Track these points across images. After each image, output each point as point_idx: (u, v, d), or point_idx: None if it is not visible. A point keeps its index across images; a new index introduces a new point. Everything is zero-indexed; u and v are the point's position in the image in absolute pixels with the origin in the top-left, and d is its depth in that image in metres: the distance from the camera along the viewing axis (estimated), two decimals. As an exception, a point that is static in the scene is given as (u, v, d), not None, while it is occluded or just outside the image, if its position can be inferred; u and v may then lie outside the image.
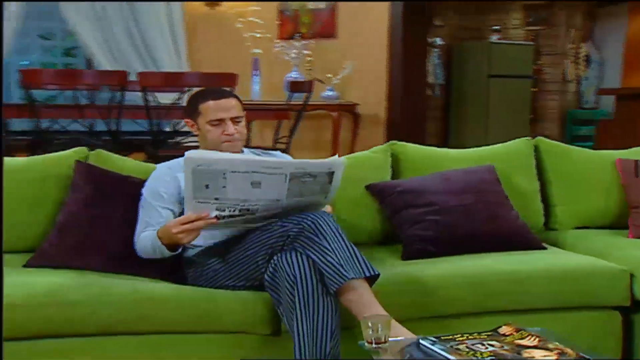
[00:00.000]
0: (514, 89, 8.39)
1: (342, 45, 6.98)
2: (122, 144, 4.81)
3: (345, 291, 2.36)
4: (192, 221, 2.41)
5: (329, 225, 2.44)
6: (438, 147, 3.69)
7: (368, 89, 6.91)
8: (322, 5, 7.11)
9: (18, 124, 5.46)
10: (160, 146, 4.74)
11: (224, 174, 2.36)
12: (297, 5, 7.16)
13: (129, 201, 2.81)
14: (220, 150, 2.81)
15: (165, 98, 4.91)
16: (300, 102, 5.45)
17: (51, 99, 6.56)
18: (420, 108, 6.82)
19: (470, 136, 8.06)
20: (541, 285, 2.79)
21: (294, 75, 6.63)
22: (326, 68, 6.81)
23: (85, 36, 7.07)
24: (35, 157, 3.08)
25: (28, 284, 2.47)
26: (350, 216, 3.17)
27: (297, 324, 2.30)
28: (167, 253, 2.59)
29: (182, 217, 2.46)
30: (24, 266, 2.68)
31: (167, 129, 5.02)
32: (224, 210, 2.44)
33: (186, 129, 3.28)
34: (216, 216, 2.43)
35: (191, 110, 2.85)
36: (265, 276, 2.46)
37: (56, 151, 3.12)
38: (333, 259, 2.36)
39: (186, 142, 4.87)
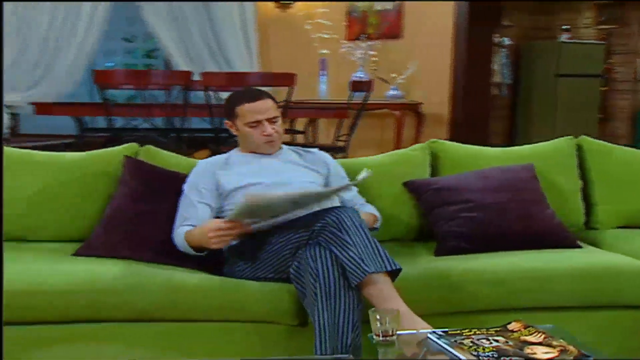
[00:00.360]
0: (583, 88, 8.19)
1: (408, 46, 6.93)
2: (188, 141, 4.92)
3: (366, 285, 2.35)
4: (229, 228, 2.50)
5: (352, 221, 2.44)
6: (504, 146, 3.65)
7: (432, 88, 6.83)
8: (389, 6, 7.07)
9: (101, 121, 5.65)
10: (223, 143, 4.82)
11: (271, 207, 2.51)
12: (365, 7, 7.15)
13: (175, 196, 2.86)
14: (260, 149, 2.87)
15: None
16: (360, 102, 5.45)
17: (131, 98, 6.78)
18: (483, 108, 6.72)
19: (537, 135, 7.87)
20: (566, 284, 2.73)
21: (359, 75, 6.62)
22: (391, 68, 6.77)
23: (163, 38, 7.22)
24: (89, 152, 3.18)
25: (73, 271, 2.57)
26: (388, 212, 3.16)
27: (319, 316, 2.31)
28: (193, 253, 2.66)
29: (220, 223, 2.54)
30: (73, 255, 2.78)
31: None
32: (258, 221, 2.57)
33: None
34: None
35: (229, 113, 2.91)
36: (291, 269, 2.48)
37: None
38: (355, 253, 2.36)
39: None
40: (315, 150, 3.11)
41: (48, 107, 5.30)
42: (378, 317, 2.03)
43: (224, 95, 4.82)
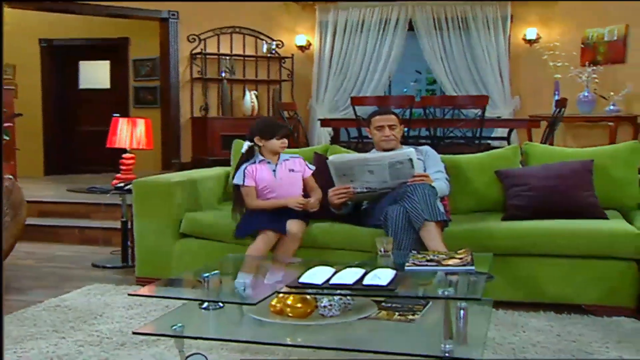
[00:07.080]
0: None
1: (629, 69, 7.24)
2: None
3: (422, 228, 3.38)
4: (339, 189, 3.73)
5: (423, 189, 3.45)
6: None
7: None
8: (615, 37, 7.42)
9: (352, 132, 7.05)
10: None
11: (351, 168, 3.63)
12: (596, 38, 7.59)
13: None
14: (380, 146, 3.99)
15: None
16: (586, 116, 6.17)
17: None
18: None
19: None
20: (570, 239, 3.46)
21: (584, 94, 7.15)
22: (612, 88, 7.14)
23: (438, 71, 8.56)
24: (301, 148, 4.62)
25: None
26: (484, 191, 4.13)
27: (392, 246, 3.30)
28: (334, 211, 3.84)
29: (334, 187, 3.77)
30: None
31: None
32: (356, 188, 3.70)
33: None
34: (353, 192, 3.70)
35: (368, 123, 4.09)
36: (381, 218, 3.58)
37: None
38: (418, 207, 3.39)
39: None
40: (423, 147, 4.13)
41: (327, 121, 6.88)
42: (379, 239, 3.09)
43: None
